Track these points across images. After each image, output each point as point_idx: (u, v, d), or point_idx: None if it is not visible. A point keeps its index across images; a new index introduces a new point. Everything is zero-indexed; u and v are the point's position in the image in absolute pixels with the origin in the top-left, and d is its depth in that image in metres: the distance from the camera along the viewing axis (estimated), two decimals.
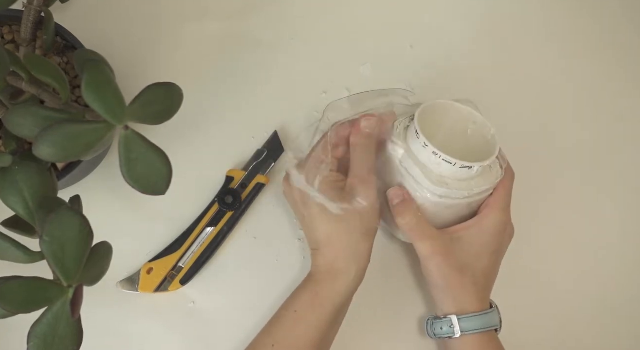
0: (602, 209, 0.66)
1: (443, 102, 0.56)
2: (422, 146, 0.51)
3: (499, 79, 0.67)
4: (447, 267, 0.52)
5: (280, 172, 0.62)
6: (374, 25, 0.67)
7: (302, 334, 0.50)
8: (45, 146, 0.33)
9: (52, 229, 0.33)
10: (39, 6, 0.44)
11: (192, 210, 0.59)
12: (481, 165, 0.51)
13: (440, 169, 0.51)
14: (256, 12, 0.65)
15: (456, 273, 0.52)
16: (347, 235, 0.52)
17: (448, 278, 0.52)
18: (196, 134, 0.62)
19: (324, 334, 0.51)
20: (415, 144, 0.52)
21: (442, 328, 0.53)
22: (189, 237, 0.58)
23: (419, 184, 0.52)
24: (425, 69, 0.66)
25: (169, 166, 0.35)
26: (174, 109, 0.36)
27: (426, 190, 0.52)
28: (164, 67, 0.63)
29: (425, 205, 0.53)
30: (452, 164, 0.51)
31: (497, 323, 0.53)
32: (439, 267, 0.52)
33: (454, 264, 0.52)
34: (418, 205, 0.53)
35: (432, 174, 0.52)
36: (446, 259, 0.52)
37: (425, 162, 0.52)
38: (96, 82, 0.33)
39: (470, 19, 0.68)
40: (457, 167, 0.51)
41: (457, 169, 0.51)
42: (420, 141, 0.52)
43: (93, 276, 0.35)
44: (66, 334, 0.34)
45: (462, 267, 0.52)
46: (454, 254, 0.52)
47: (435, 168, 0.52)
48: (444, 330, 0.53)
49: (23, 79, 0.41)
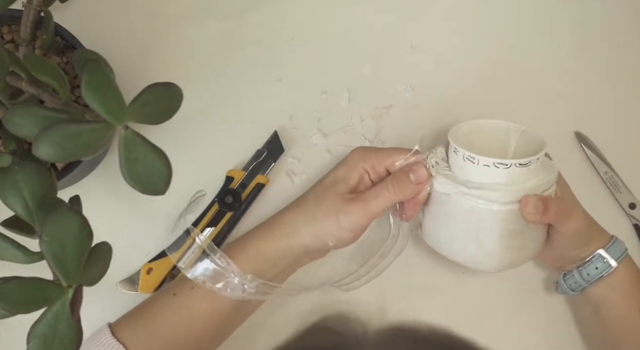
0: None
1: (470, 122, 0.54)
2: (471, 162, 0.49)
3: (500, 78, 0.67)
4: (588, 222, 0.55)
5: (280, 172, 0.62)
6: (374, 25, 0.67)
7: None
8: (44, 146, 0.33)
9: (52, 229, 0.33)
10: (39, 6, 0.44)
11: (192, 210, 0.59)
12: (537, 158, 0.49)
13: (499, 177, 0.49)
14: (256, 12, 0.65)
15: (591, 221, 0.55)
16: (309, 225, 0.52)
17: (590, 230, 0.55)
18: (196, 134, 0.62)
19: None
20: (466, 166, 0.50)
21: (597, 267, 0.54)
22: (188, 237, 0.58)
23: (495, 201, 0.49)
24: (425, 69, 0.66)
25: (169, 166, 0.35)
26: (174, 109, 0.36)
27: (504, 204, 0.49)
28: (163, 67, 0.63)
29: (516, 222, 0.50)
30: (507, 166, 0.48)
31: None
32: (585, 227, 0.54)
33: (588, 218, 0.55)
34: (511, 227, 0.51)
35: (497, 186, 0.49)
36: (585, 217, 0.55)
37: (481, 180, 0.50)
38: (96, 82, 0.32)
39: (470, 18, 0.68)
40: (512, 168, 0.49)
41: (513, 170, 0.49)
42: (478, 160, 0.49)
43: (93, 276, 0.35)
44: (66, 334, 0.34)
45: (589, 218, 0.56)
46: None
47: (495, 178, 0.49)
48: (599, 269, 0.54)
49: (22, 79, 0.41)
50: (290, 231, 0.52)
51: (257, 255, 0.52)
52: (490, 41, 0.68)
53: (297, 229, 0.52)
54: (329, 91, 0.65)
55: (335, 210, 0.51)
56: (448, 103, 0.65)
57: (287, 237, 0.52)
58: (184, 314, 0.51)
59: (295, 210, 0.54)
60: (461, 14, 0.68)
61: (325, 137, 0.63)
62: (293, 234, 0.52)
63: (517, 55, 0.68)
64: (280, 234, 0.52)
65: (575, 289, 0.56)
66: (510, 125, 0.55)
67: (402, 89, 0.65)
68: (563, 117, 0.67)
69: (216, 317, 0.52)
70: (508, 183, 0.49)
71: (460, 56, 0.67)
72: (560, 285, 0.58)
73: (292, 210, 0.54)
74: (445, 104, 0.65)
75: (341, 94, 0.65)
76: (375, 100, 0.65)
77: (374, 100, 0.65)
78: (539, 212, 0.49)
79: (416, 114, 0.65)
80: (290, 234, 0.52)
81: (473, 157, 0.49)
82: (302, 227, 0.52)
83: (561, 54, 0.68)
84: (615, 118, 0.68)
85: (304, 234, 0.52)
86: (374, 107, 0.65)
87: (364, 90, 0.65)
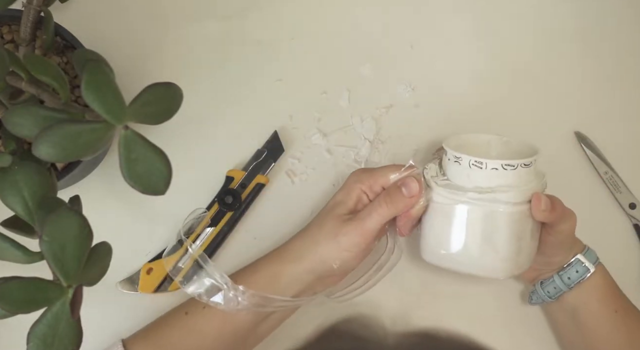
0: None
1: (457, 136, 0.54)
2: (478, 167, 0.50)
3: (500, 78, 0.67)
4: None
5: (280, 172, 0.62)
6: (374, 25, 0.67)
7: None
8: (44, 146, 0.33)
9: (52, 229, 0.33)
10: (39, 6, 0.44)
11: (192, 210, 0.59)
12: (535, 159, 0.50)
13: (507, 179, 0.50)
14: (256, 12, 0.65)
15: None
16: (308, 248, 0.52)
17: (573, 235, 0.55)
18: (196, 134, 0.62)
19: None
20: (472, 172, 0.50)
21: (577, 271, 0.55)
22: (188, 237, 0.58)
23: (508, 203, 0.50)
24: (425, 69, 0.66)
25: (169, 166, 0.35)
26: (174, 109, 0.36)
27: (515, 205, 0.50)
28: (163, 67, 0.63)
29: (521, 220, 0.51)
30: (514, 167, 0.49)
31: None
32: (572, 230, 0.54)
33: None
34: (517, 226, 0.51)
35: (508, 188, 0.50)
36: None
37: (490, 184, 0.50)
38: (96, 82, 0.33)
39: (470, 18, 0.68)
40: (519, 169, 0.49)
41: (519, 171, 0.50)
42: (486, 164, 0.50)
43: (93, 276, 0.35)
44: (66, 334, 0.34)
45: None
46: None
47: (504, 181, 0.50)
48: (579, 272, 0.55)
49: (22, 79, 0.41)
50: (297, 256, 0.52)
51: (266, 278, 0.52)
52: (490, 41, 0.68)
53: (302, 254, 0.52)
54: (328, 91, 0.65)
55: (335, 233, 0.51)
56: (448, 103, 0.65)
57: (294, 261, 0.52)
58: (196, 334, 0.51)
59: (301, 236, 0.54)
60: (461, 14, 0.68)
61: (325, 137, 0.63)
62: (299, 259, 0.52)
63: (517, 55, 0.68)
64: (288, 258, 0.53)
65: (553, 295, 0.56)
66: (491, 138, 0.56)
67: (402, 89, 0.65)
68: (563, 117, 0.67)
69: (228, 338, 0.52)
70: (517, 184, 0.50)
71: (460, 56, 0.67)
72: (537, 293, 0.58)
73: (299, 237, 0.54)
74: (445, 104, 0.65)
75: (341, 94, 0.65)
76: (375, 100, 0.65)
77: (374, 100, 0.65)
78: (549, 209, 0.50)
79: (416, 114, 0.65)
80: (297, 258, 0.52)
81: (481, 161, 0.50)
82: (306, 252, 0.52)
83: (561, 54, 0.68)
84: (615, 118, 0.68)
85: (310, 259, 0.52)
86: (374, 107, 0.65)
87: (364, 90, 0.65)
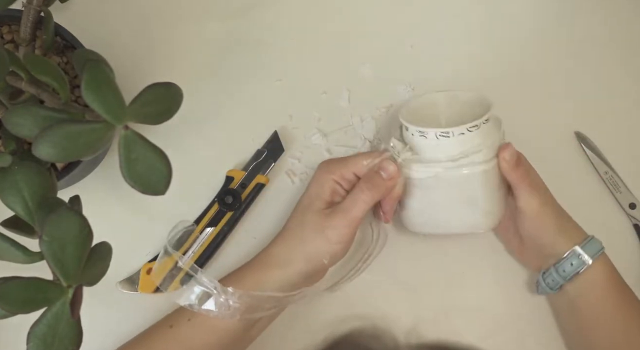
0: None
1: (425, 97, 0.56)
2: (446, 137, 0.51)
3: (500, 78, 0.67)
4: (558, 209, 0.56)
5: (280, 172, 0.62)
6: (374, 25, 0.67)
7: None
8: (44, 146, 0.33)
9: (52, 229, 0.33)
10: (39, 6, 0.44)
11: (192, 210, 0.59)
12: (489, 113, 0.52)
13: (474, 140, 0.51)
14: (256, 12, 0.65)
15: (563, 213, 0.56)
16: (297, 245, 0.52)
17: (560, 219, 0.55)
18: (196, 133, 0.62)
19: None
20: (441, 143, 0.51)
21: (572, 264, 0.54)
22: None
23: (482, 162, 0.52)
24: (425, 69, 0.66)
25: (169, 166, 0.35)
26: (174, 109, 0.36)
27: (487, 162, 0.52)
28: (164, 67, 0.63)
29: (477, 181, 0.52)
30: (478, 126, 0.51)
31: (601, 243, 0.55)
32: (553, 212, 0.55)
33: (558, 206, 0.56)
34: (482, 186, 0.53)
35: (477, 148, 0.51)
36: (554, 203, 0.56)
37: (461, 148, 0.51)
38: (96, 82, 0.33)
39: (470, 18, 0.68)
40: (482, 127, 0.51)
41: (483, 128, 0.51)
42: (452, 132, 0.51)
43: (93, 276, 0.35)
44: (66, 334, 0.34)
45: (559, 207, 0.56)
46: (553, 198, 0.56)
47: (472, 142, 0.51)
48: (574, 265, 0.54)
49: (22, 79, 0.41)
50: (285, 261, 0.52)
51: (254, 287, 0.51)
52: (490, 41, 0.68)
53: (290, 257, 0.52)
54: (328, 91, 0.65)
55: (321, 228, 0.51)
56: None
57: (282, 267, 0.51)
58: (181, 346, 0.50)
59: (284, 239, 0.53)
60: (461, 14, 0.68)
61: (325, 137, 0.63)
62: (288, 263, 0.51)
63: (517, 55, 0.68)
64: (276, 264, 0.52)
65: (553, 287, 0.56)
66: (437, 96, 0.57)
67: (402, 89, 0.65)
68: (563, 117, 0.67)
69: (214, 348, 0.51)
70: (484, 141, 0.52)
71: (460, 56, 0.67)
72: (540, 284, 0.58)
73: (281, 240, 0.53)
74: None
75: (341, 94, 0.65)
76: (375, 100, 0.65)
77: (374, 100, 0.65)
78: (514, 160, 0.52)
79: None
80: (285, 263, 0.51)
81: (447, 131, 0.51)
82: (294, 254, 0.52)
83: (561, 54, 0.68)
84: (615, 118, 0.67)
85: (298, 260, 0.51)
86: (374, 107, 0.65)
87: (364, 90, 0.65)
